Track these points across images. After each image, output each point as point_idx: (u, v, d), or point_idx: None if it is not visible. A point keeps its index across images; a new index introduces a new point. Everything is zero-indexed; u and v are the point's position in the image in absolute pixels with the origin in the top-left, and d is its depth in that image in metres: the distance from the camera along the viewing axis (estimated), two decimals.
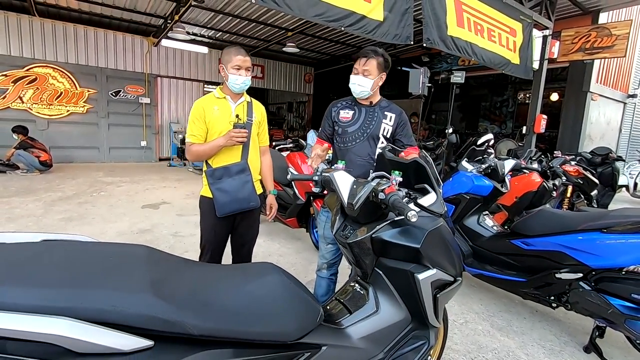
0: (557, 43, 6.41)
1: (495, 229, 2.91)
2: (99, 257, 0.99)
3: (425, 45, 4.08)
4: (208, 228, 2.08)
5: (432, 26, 3.99)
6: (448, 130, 6.17)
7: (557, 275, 2.30)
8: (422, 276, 1.34)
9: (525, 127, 6.43)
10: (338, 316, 1.41)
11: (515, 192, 3.50)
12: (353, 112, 2.08)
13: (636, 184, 7.54)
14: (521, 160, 3.75)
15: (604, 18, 7.16)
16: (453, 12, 4.19)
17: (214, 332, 0.94)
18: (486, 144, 4.95)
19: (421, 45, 4.14)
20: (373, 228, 1.39)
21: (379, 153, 1.83)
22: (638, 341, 2.09)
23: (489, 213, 3.09)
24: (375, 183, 1.39)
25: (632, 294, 1.96)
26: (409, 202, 1.35)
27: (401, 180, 1.40)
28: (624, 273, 2.08)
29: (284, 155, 4.07)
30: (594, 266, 2.12)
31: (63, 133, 9.12)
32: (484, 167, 2.95)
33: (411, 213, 1.20)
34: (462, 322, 2.57)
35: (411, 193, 1.42)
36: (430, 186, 1.41)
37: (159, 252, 1.11)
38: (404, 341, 1.42)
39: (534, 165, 3.88)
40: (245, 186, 2.02)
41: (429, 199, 1.36)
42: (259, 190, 2.17)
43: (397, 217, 1.39)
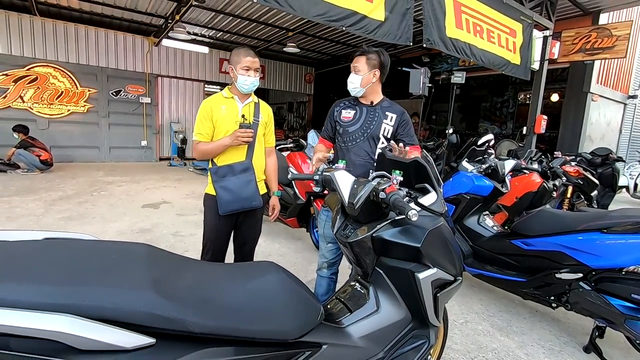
0: (558, 44, 6.41)
1: (495, 229, 2.91)
2: (101, 255, 1.00)
3: (425, 45, 4.08)
4: (211, 226, 2.10)
5: (433, 27, 4.00)
6: (448, 130, 6.17)
7: (557, 275, 2.30)
8: (423, 275, 1.35)
9: (525, 128, 6.43)
10: (338, 315, 1.41)
11: (515, 193, 3.51)
12: (354, 112, 2.09)
13: (636, 185, 7.54)
14: (521, 160, 3.76)
15: (605, 19, 7.16)
16: (452, 14, 4.20)
17: (215, 330, 0.94)
18: (486, 145, 4.95)
19: (421, 45, 4.15)
20: (374, 227, 1.39)
21: (380, 153, 1.84)
22: (638, 341, 2.10)
23: (489, 213, 3.10)
24: (376, 182, 1.39)
25: (632, 294, 1.97)
26: (410, 202, 1.35)
27: (402, 179, 1.41)
28: (624, 273, 2.08)
29: (285, 155, 4.07)
30: (594, 266, 2.13)
31: (64, 132, 9.12)
32: (484, 168, 2.96)
33: (412, 212, 1.20)
34: (462, 322, 2.57)
35: (412, 192, 1.43)
36: (430, 186, 1.41)
37: (160, 251, 1.11)
38: (404, 340, 1.43)
39: (534, 165, 3.88)
40: (248, 185, 2.03)
41: (430, 199, 1.36)
42: (263, 190, 2.18)
43: (398, 217, 1.39)
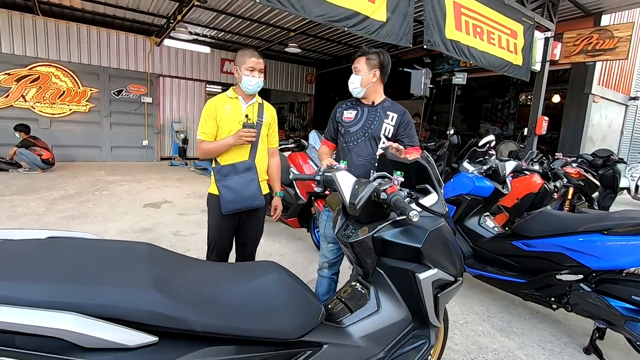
0: (559, 45, 6.42)
1: (496, 230, 2.91)
2: (104, 254, 1.00)
3: (425, 47, 4.09)
4: (214, 225, 2.11)
5: (433, 28, 4.00)
6: (449, 131, 6.17)
7: (558, 276, 2.30)
8: (423, 276, 1.35)
9: (526, 129, 6.44)
10: (339, 315, 1.41)
11: (516, 194, 3.51)
12: (356, 113, 2.10)
13: (637, 187, 7.52)
14: (522, 161, 3.76)
15: (606, 20, 7.16)
16: (452, 16, 4.20)
17: (217, 329, 0.95)
18: (487, 146, 4.94)
19: (423, 46, 4.15)
20: (374, 228, 1.40)
21: (381, 153, 1.84)
22: (638, 343, 2.10)
23: (490, 214, 3.10)
24: (377, 183, 1.40)
25: (633, 296, 1.97)
26: (411, 202, 1.36)
27: (403, 180, 1.41)
28: (625, 275, 2.09)
29: (286, 155, 4.08)
30: (595, 268, 2.13)
31: (65, 132, 9.14)
32: (485, 169, 2.96)
33: (413, 213, 1.21)
34: (463, 323, 2.57)
35: (413, 193, 1.43)
36: (431, 187, 1.42)
37: (162, 250, 1.12)
38: (405, 340, 1.43)
39: (535, 166, 3.88)
40: (250, 184, 2.04)
41: (431, 199, 1.37)
42: (265, 190, 2.19)
43: (399, 217, 1.40)
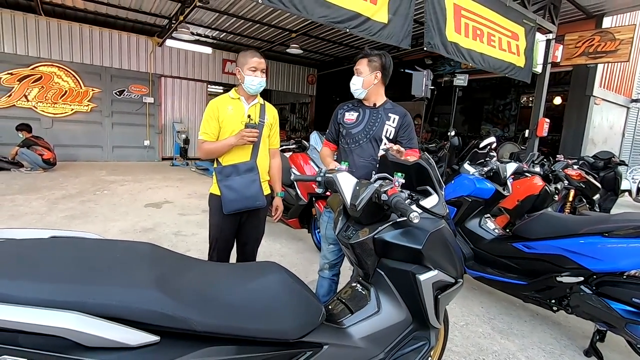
0: (561, 47, 6.41)
1: (496, 232, 2.91)
2: (106, 254, 1.01)
3: (425, 49, 4.09)
4: (215, 225, 2.12)
5: (434, 30, 4.01)
6: (450, 132, 6.17)
7: (558, 278, 2.30)
8: (424, 277, 1.36)
9: (527, 131, 6.43)
10: (340, 316, 1.41)
11: (517, 196, 3.51)
12: (357, 114, 2.11)
13: (639, 189, 7.51)
14: (523, 163, 3.76)
15: (608, 22, 7.16)
16: (452, 18, 4.20)
17: (218, 329, 0.95)
18: (488, 147, 4.96)
19: (423, 48, 4.16)
20: (375, 229, 1.40)
21: (382, 155, 1.85)
22: (639, 345, 2.10)
23: (491, 216, 3.10)
24: (378, 184, 1.40)
25: (633, 298, 1.97)
26: (411, 204, 1.36)
27: (403, 182, 1.41)
28: (625, 277, 2.09)
29: (287, 156, 4.09)
30: (595, 270, 2.13)
31: (67, 131, 9.17)
32: (486, 170, 2.96)
33: (413, 214, 1.21)
34: (463, 325, 2.57)
35: (413, 195, 1.43)
36: (432, 188, 1.42)
37: (164, 250, 1.13)
38: (405, 341, 1.43)
39: (536, 168, 3.89)
40: (252, 185, 2.05)
41: (431, 201, 1.37)
42: (267, 191, 2.20)
43: (400, 219, 1.40)
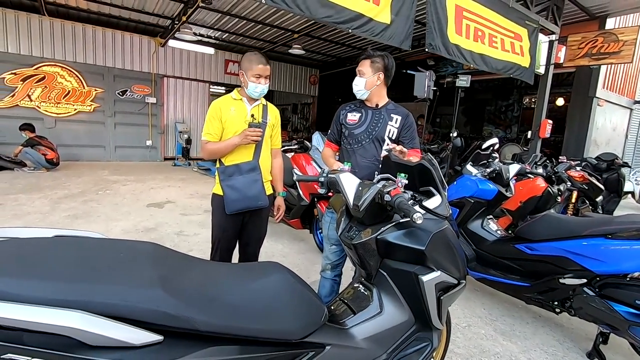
0: (564, 48, 6.40)
1: (499, 233, 2.91)
2: (110, 253, 1.01)
3: (427, 50, 4.09)
4: (218, 225, 2.13)
5: (435, 31, 4.00)
6: (453, 133, 6.17)
7: (561, 280, 2.29)
8: (427, 278, 1.35)
9: (530, 132, 6.41)
10: (342, 316, 1.42)
11: (519, 197, 3.50)
12: (360, 115, 2.11)
13: None
14: (526, 164, 3.75)
15: (611, 24, 7.12)
16: (452, 20, 4.19)
17: (220, 329, 0.96)
18: (491, 148, 4.94)
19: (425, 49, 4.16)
20: (378, 229, 1.40)
21: (385, 155, 1.85)
22: None
23: (493, 217, 3.09)
24: (381, 185, 1.40)
25: (637, 301, 1.96)
26: (414, 205, 1.36)
27: (407, 182, 1.41)
28: (629, 279, 2.07)
29: (289, 156, 4.09)
30: (598, 272, 2.12)
31: (70, 131, 9.20)
32: (489, 171, 2.95)
33: (417, 215, 1.21)
34: (465, 326, 2.57)
35: (416, 195, 1.43)
36: (435, 189, 1.42)
37: (167, 250, 1.13)
38: (407, 342, 1.43)
39: (539, 170, 3.87)
40: (255, 184, 2.06)
41: (434, 202, 1.37)
42: (269, 191, 2.20)
43: (403, 219, 1.40)
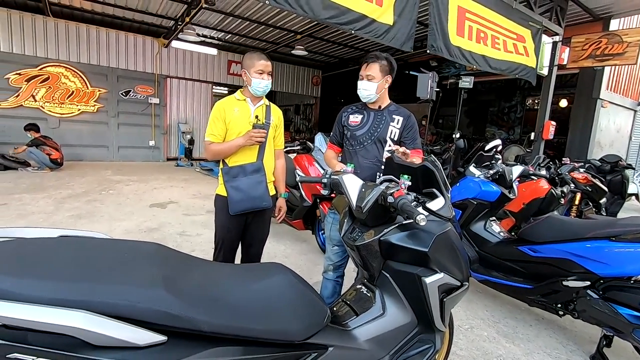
0: (567, 49, 6.37)
1: (502, 235, 2.89)
2: (114, 253, 1.02)
3: (428, 51, 4.09)
4: (221, 225, 2.13)
5: (437, 33, 4.00)
6: (455, 135, 6.16)
7: (564, 282, 2.28)
8: (429, 280, 1.35)
9: (533, 133, 6.39)
10: (345, 318, 1.41)
11: (522, 199, 3.48)
12: (362, 117, 2.12)
13: None
14: (529, 166, 3.74)
15: (615, 25, 7.09)
16: (454, 21, 4.18)
17: (224, 330, 0.96)
18: (494, 150, 4.93)
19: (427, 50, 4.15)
20: (381, 231, 1.40)
21: (388, 157, 1.85)
22: None
23: (496, 219, 3.08)
24: (384, 186, 1.40)
25: None
26: (418, 206, 1.36)
27: (410, 184, 1.41)
28: (633, 282, 2.06)
29: (291, 157, 4.09)
30: (602, 274, 2.11)
31: (73, 131, 9.25)
32: (492, 173, 2.95)
33: (420, 217, 1.21)
34: (468, 328, 2.56)
35: (419, 197, 1.43)
36: (438, 191, 1.42)
37: (170, 250, 1.14)
38: (410, 344, 1.43)
39: (542, 171, 3.85)
40: (259, 185, 2.06)
41: (438, 203, 1.37)
42: (272, 192, 2.21)
43: (406, 221, 1.40)
